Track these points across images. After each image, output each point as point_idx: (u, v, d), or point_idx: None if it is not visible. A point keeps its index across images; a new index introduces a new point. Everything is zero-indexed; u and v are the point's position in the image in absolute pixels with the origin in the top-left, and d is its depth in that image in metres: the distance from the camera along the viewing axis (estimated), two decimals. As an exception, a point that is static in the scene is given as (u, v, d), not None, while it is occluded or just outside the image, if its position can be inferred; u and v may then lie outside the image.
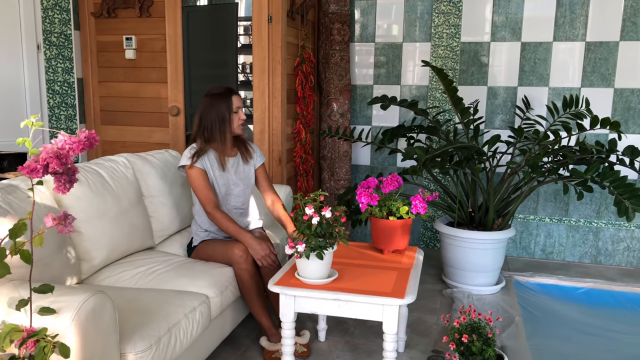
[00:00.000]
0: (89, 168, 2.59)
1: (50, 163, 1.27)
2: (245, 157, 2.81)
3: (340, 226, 2.13)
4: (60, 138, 1.40)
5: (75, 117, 3.88)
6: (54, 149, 1.30)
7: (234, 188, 2.78)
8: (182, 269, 2.52)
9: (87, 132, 1.39)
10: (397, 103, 3.46)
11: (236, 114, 2.68)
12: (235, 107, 2.67)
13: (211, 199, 2.64)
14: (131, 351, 1.78)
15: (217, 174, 2.72)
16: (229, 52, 5.36)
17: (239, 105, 2.69)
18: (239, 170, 2.80)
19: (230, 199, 2.79)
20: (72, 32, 3.78)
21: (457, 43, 4.12)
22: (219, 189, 2.74)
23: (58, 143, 1.32)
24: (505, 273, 3.81)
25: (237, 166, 2.79)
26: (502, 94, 4.13)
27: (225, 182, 2.75)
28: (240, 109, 2.70)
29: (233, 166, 2.78)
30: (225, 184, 2.75)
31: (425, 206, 2.46)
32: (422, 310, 3.21)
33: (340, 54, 4.14)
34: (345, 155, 4.20)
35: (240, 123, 2.70)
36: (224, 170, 2.71)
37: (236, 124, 2.69)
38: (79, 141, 1.36)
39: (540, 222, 4.19)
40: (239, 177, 2.79)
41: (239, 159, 2.80)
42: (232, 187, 2.78)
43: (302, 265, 2.12)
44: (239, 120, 2.69)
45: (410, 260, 2.46)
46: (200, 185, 2.66)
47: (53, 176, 1.34)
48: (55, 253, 2.16)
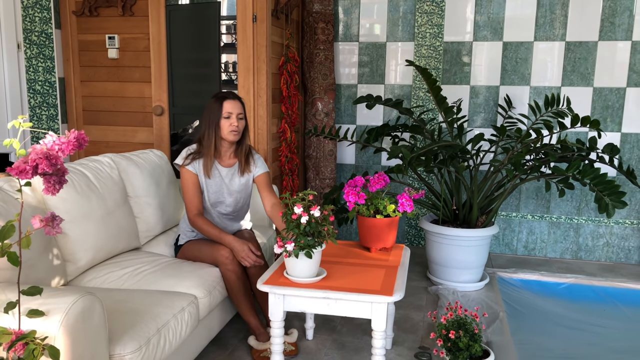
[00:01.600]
0: (74, 169, 2.56)
1: (40, 164, 1.26)
2: (243, 168, 2.75)
3: (329, 225, 2.14)
4: (49, 139, 1.39)
5: (57, 117, 3.83)
6: (44, 150, 1.28)
7: (227, 197, 2.75)
8: (170, 269, 2.51)
9: (77, 132, 1.38)
10: (382, 102, 3.48)
11: (227, 119, 2.62)
12: (226, 112, 2.61)
13: (194, 205, 2.64)
14: (121, 352, 1.77)
15: (210, 181, 2.70)
16: (212, 51, 5.33)
17: (231, 111, 2.61)
18: (234, 181, 2.75)
19: (221, 207, 2.76)
20: (53, 31, 3.73)
21: (440, 42, 4.16)
22: (208, 195, 2.72)
23: (47, 144, 1.31)
24: (489, 270, 3.86)
25: (233, 177, 2.75)
26: (484, 93, 4.18)
27: (218, 190, 2.73)
28: (234, 115, 2.62)
29: (227, 176, 2.74)
30: (217, 192, 2.72)
31: (412, 204, 2.48)
32: (408, 307, 3.24)
33: (325, 54, 4.15)
34: (330, 154, 4.21)
35: (231, 130, 2.62)
36: (209, 177, 2.68)
37: (226, 130, 2.63)
38: (69, 142, 1.35)
39: (522, 219, 4.25)
40: (234, 188, 2.75)
41: (236, 170, 2.76)
42: (226, 196, 2.75)
43: (291, 264, 2.13)
44: (230, 127, 2.62)
45: (397, 258, 2.48)
46: (187, 189, 2.66)
47: (42, 177, 1.32)
48: (40, 255, 2.14)
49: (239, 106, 2.67)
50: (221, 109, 2.63)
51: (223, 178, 2.73)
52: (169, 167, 3.28)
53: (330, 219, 2.15)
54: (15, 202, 2.13)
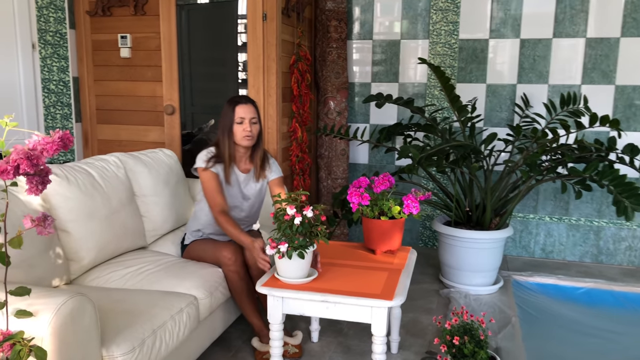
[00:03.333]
0: (79, 168, 2.57)
1: (21, 164, 1.25)
2: (258, 174, 2.70)
3: (321, 225, 2.10)
4: (34, 138, 1.38)
5: (71, 116, 3.86)
6: (25, 150, 1.27)
7: (242, 202, 2.72)
8: (172, 269, 2.50)
9: (61, 132, 1.36)
10: (392, 101, 3.42)
11: (240, 124, 2.57)
12: (239, 117, 2.56)
13: (218, 203, 2.56)
14: (113, 353, 1.76)
15: (227, 187, 2.65)
16: (230, 50, 5.34)
17: (244, 116, 2.56)
18: (250, 186, 2.72)
19: (235, 212, 2.72)
20: (67, 30, 3.76)
21: (455, 40, 4.08)
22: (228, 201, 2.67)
23: (30, 144, 1.30)
24: (503, 272, 3.76)
25: (248, 182, 2.72)
26: (501, 91, 4.08)
27: (234, 195, 2.69)
28: (246, 120, 2.57)
29: (244, 182, 2.70)
30: (233, 197, 2.69)
31: (418, 206, 2.42)
32: (418, 310, 3.18)
33: (337, 52, 4.11)
34: (342, 153, 4.16)
35: (245, 135, 2.56)
36: (229, 184, 2.63)
37: (239, 136, 2.57)
38: (53, 142, 1.34)
39: (540, 220, 4.14)
40: (249, 193, 2.72)
41: (252, 175, 2.72)
42: (242, 201, 2.72)
43: (283, 265, 2.09)
44: (243, 132, 2.56)
45: (402, 261, 2.43)
46: (211, 188, 2.58)
47: (25, 177, 1.31)
48: (41, 254, 2.14)
49: (252, 110, 2.60)
50: (233, 114, 2.57)
51: (240, 183, 2.70)
52: (178, 166, 3.28)
53: (322, 219, 2.11)
54: (18, 201, 2.14)
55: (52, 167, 2.42)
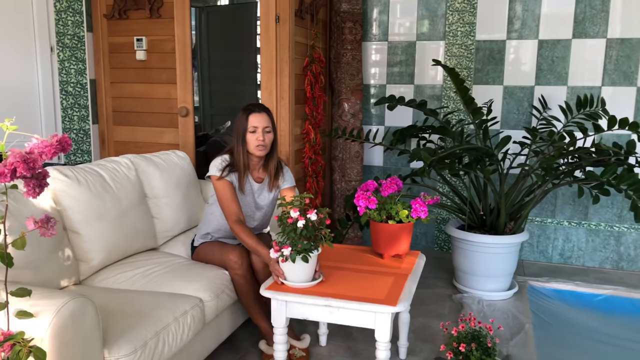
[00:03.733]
0: (90, 169, 2.60)
1: (18, 167, 1.26)
2: (272, 184, 2.67)
3: (325, 228, 2.09)
4: (34, 142, 1.40)
5: (88, 118, 3.92)
6: (22, 153, 1.29)
7: (255, 211, 2.71)
8: (180, 271, 2.51)
9: (60, 136, 1.38)
10: (404, 103, 3.38)
11: (253, 133, 2.51)
12: (252, 126, 2.51)
13: (233, 211, 2.50)
14: (115, 355, 1.77)
15: (241, 196, 2.62)
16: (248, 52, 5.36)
17: (257, 125, 2.51)
18: (263, 196, 2.69)
19: (248, 221, 2.69)
20: (84, 34, 3.82)
21: (471, 41, 4.02)
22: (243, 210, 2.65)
23: (28, 147, 1.31)
24: (519, 278, 3.69)
25: (262, 192, 2.69)
26: (518, 93, 4.01)
27: (247, 204, 2.66)
28: (259, 129, 2.51)
29: (257, 191, 2.67)
30: (246, 206, 2.66)
31: (426, 210, 2.39)
32: (429, 315, 3.14)
33: (352, 53, 4.08)
34: (356, 156, 4.14)
35: (257, 144, 2.51)
36: (243, 193, 2.61)
37: (252, 145, 2.53)
38: (51, 145, 1.35)
39: (558, 225, 4.05)
40: (263, 203, 2.70)
41: (265, 185, 2.69)
42: (255, 211, 2.70)
43: (287, 268, 2.09)
44: (256, 141, 2.51)
45: (409, 266, 2.40)
46: (226, 197, 2.52)
47: (23, 180, 1.33)
48: (49, 255, 2.17)
49: (266, 119, 2.54)
50: (247, 122, 2.53)
51: (254, 193, 2.67)
52: (190, 168, 3.30)
53: (326, 222, 2.09)
54: (27, 201, 2.18)
55: (64, 168, 2.46)
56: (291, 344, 2.55)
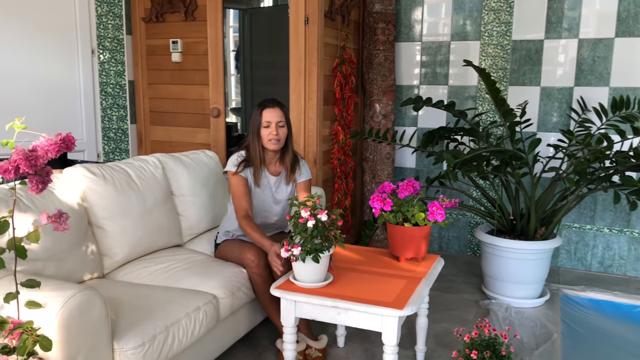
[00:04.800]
0: (118, 167, 2.69)
1: (20, 165, 1.33)
2: (289, 177, 2.71)
3: (336, 229, 2.08)
4: (41, 140, 1.46)
5: (126, 118, 4.06)
6: (24, 151, 1.35)
7: (274, 206, 2.74)
8: (199, 267, 2.56)
9: (64, 134, 1.44)
10: (431, 104, 3.33)
11: (267, 128, 2.58)
12: (265, 121, 2.58)
13: (243, 207, 2.59)
14: (123, 347, 1.83)
15: (257, 190, 2.68)
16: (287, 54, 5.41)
17: (270, 120, 2.57)
18: (281, 189, 2.73)
19: (267, 217, 2.74)
20: (124, 36, 3.96)
21: (508, 41, 3.91)
22: (257, 203, 2.70)
23: (31, 145, 1.38)
24: (552, 286, 3.57)
25: (279, 185, 2.73)
26: (556, 95, 3.87)
27: (264, 198, 2.71)
28: (273, 124, 2.57)
29: (275, 185, 2.71)
30: (263, 201, 2.70)
31: (443, 213, 2.34)
32: (453, 320, 3.07)
33: (385, 54, 4.06)
34: (387, 157, 4.11)
35: (270, 139, 2.58)
36: (258, 187, 2.66)
37: (266, 139, 2.59)
38: (55, 143, 1.41)
39: (598, 232, 3.88)
40: (280, 197, 2.73)
41: (282, 178, 2.73)
42: (272, 205, 2.73)
43: (297, 268, 2.09)
44: (269, 135, 2.57)
45: (425, 270, 2.36)
46: (238, 193, 2.61)
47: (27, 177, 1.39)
48: (72, 249, 2.27)
49: (279, 114, 2.61)
50: (261, 117, 2.60)
51: (271, 187, 2.71)
52: (218, 167, 3.36)
53: (338, 224, 2.09)
54: (53, 197, 2.28)
55: (92, 166, 2.56)
56: (307, 344, 2.56)
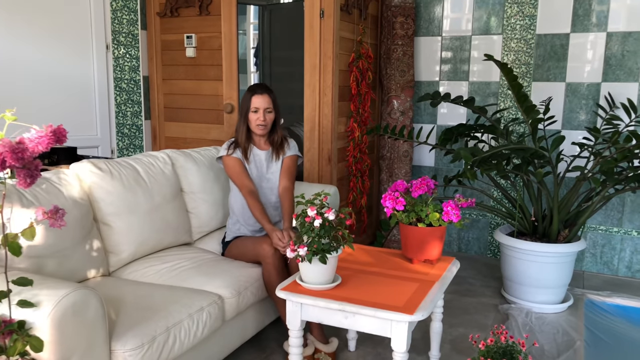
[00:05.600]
0: (126, 163, 2.64)
1: (6, 158, 1.27)
2: (277, 152, 2.78)
3: (344, 229, 1.99)
4: (32, 132, 1.41)
5: (141, 114, 4.03)
6: (11, 143, 1.29)
7: (267, 182, 2.78)
8: (206, 266, 2.50)
9: (54, 127, 1.38)
10: (449, 100, 3.20)
11: (255, 113, 2.66)
12: (254, 107, 2.65)
13: (246, 184, 2.68)
14: (121, 348, 1.77)
15: (251, 167, 2.74)
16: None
17: (258, 106, 2.65)
18: (272, 164, 2.78)
19: (265, 192, 2.78)
20: (139, 31, 3.92)
21: (532, 35, 3.76)
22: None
23: (18, 137, 1.32)
24: (577, 290, 3.42)
25: (270, 161, 2.78)
26: (582, 90, 3.70)
27: (259, 174, 2.76)
28: (260, 110, 2.66)
29: (266, 159, 2.77)
30: (259, 176, 2.76)
31: (459, 213, 2.23)
32: (471, 325, 2.96)
33: (403, 49, 3.94)
34: (405, 155, 3.99)
35: (258, 124, 2.66)
36: (248, 163, 2.71)
37: (253, 124, 2.68)
38: (45, 135, 1.35)
39: (626, 235, 3.71)
40: (272, 170, 2.78)
41: (271, 154, 2.78)
42: (266, 182, 2.77)
43: (303, 269, 2.01)
44: (256, 121, 2.66)
45: (439, 272, 2.25)
46: (236, 172, 2.71)
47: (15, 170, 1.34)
48: (76, 245, 2.22)
49: (267, 101, 2.67)
50: (250, 102, 2.67)
51: (262, 161, 2.76)
52: (231, 164, 3.29)
53: (347, 223, 1.99)
54: (57, 192, 2.24)
55: (98, 161, 2.51)
56: (317, 348, 2.47)
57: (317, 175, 3.53)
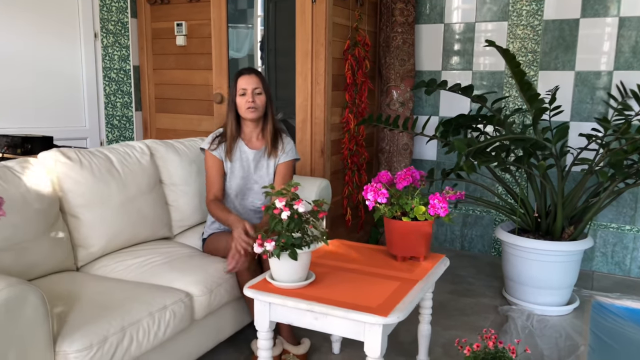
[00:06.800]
0: (99, 152, 2.51)
1: None
2: (270, 151, 2.53)
3: (315, 223, 1.82)
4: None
5: (131, 105, 3.91)
6: None
7: (253, 185, 2.55)
8: (179, 262, 2.35)
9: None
10: (445, 87, 3.01)
11: (243, 96, 2.43)
12: (241, 88, 2.43)
13: (212, 190, 2.51)
14: (66, 350, 1.62)
15: (234, 165, 2.51)
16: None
17: (245, 87, 2.42)
18: (261, 165, 2.55)
19: (250, 195, 2.56)
20: (129, 19, 3.80)
21: (538, 21, 3.55)
22: (235, 182, 2.53)
23: None
24: (584, 292, 3.21)
25: (260, 160, 2.54)
26: (592, 79, 3.48)
27: (244, 176, 2.54)
28: (249, 91, 2.42)
29: (255, 159, 2.53)
30: (244, 178, 2.54)
31: (447, 207, 2.05)
32: (467, 328, 2.77)
33: (403, 37, 3.75)
34: (404, 148, 3.81)
35: (248, 107, 2.43)
36: (230, 161, 2.50)
37: (243, 108, 2.45)
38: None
39: (639, 234, 3.48)
40: (262, 172, 2.55)
41: (264, 153, 2.55)
42: (252, 184, 2.55)
43: (273, 266, 1.85)
44: (246, 104, 2.42)
45: (424, 271, 2.07)
46: (210, 175, 2.54)
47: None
48: (37, 238, 2.09)
49: (255, 80, 2.44)
50: (236, 86, 2.46)
51: (250, 160, 2.53)
52: (217, 156, 3.15)
53: (319, 216, 1.83)
54: (18, 182, 2.11)
55: (68, 150, 2.39)
56: (285, 349, 2.31)
57: (309, 168, 3.36)
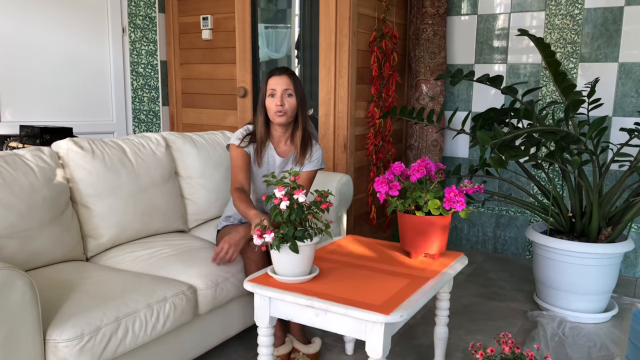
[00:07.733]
0: (112, 143, 2.49)
1: None
2: (298, 157, 2.36)
3: (317, 213, 1.72)
4: None
5: (158, 100, 3.91)
6: None
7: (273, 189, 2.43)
8: (187, 255, 2.29)
9: None
10: (471, 78, 2.84)
11: (272, 97, 2.24)
12: (270, 89, 2.24)
13: (239, 179, 2.32)
14: (56, 338, 1.58)
15: (262, 171, 2.38)
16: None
17: (275, 87, 2.23)
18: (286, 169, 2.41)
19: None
20: (156, 14, 3.81)
21: (579, 10, 3.33)
22: (260, 185, 2.41)
23: None
24: (625, 299, 2.98)
25: (285, 167, 2.40)
26: (638, 72, 3.24)
27: None
28: (278, 93, 2.22)
29: (280, 166, 2.39)
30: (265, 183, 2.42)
31: (463, 201, 1.91)
32: (491, 333, 2.60)
33: (434, 29, 3.61)
34: (434, 144, 3.66)
35: (276, 110, 2.23)
36: (260, 166, 2.36)
37: (272, 111, 2.25)
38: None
39: (688, 238, 3.22)
40: None
41: (290, 160, 2.40)
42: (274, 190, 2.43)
43: (274, 259, 1.76)
44: (275, 107, 2.23)
45: (439, 269, 1.94)
46: (237, 165, 2.35)
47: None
48: (43, 227, 2.07)
49: (286, 81, 2.24)
50: (266, 86, 2.28)
51: (276, 168, 2.38)
52: (237, 149, 3.09)
53: (322, 207, 1.72)
54: (27, 170, 2.10)
55: (80, 140, 2.37)
56: (294, 348, 2.22)
57: (332, 163, 3.27)
